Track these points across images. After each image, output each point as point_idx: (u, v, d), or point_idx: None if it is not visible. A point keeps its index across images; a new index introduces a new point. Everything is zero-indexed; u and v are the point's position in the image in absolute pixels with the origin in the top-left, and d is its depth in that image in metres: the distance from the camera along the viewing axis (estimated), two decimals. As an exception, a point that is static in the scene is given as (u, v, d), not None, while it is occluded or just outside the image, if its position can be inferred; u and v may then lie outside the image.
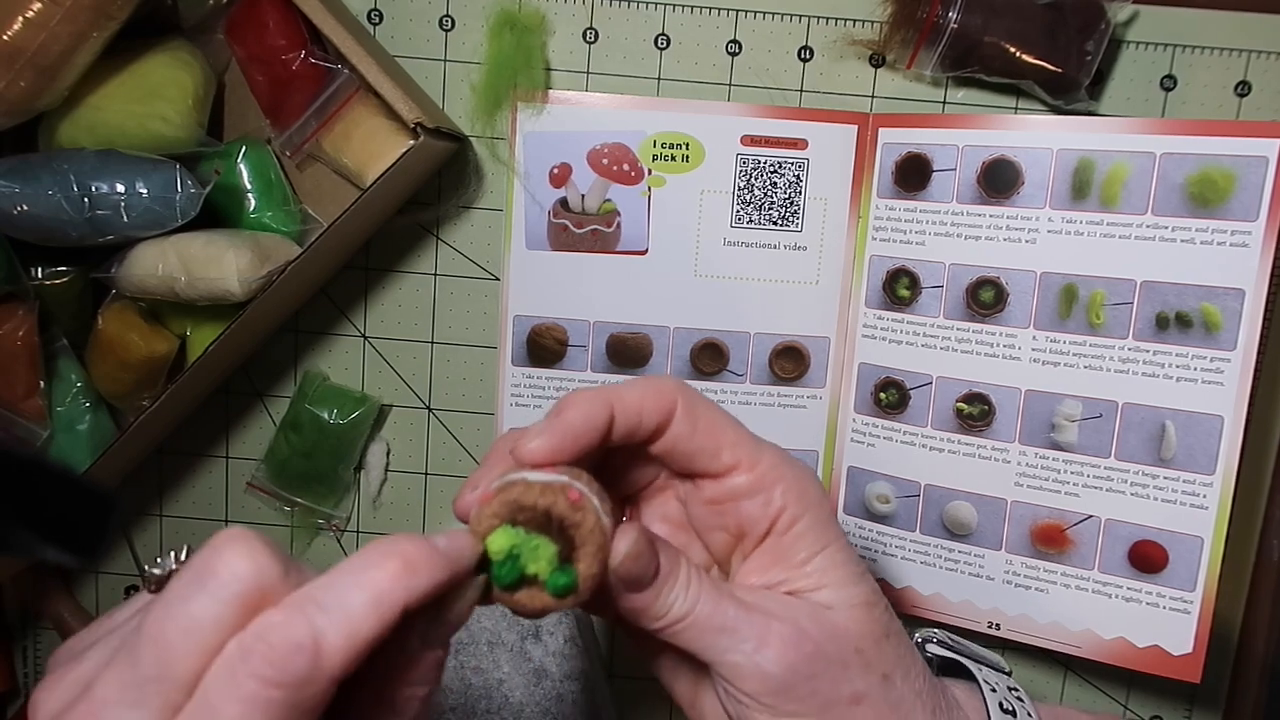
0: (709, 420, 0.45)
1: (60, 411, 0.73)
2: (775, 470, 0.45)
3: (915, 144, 0.70)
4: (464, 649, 0.74)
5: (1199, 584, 0.65)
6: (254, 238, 0.68)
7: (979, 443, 0.70)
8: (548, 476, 0.41)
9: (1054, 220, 0.67)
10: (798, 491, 0.45)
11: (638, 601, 0.43)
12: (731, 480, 0.45)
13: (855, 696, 0.43)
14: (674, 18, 0.73)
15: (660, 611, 0.43)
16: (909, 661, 0.46)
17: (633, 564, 0.41)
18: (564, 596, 0.39)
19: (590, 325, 0.75)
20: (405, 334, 0.77)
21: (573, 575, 0.39)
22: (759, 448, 0.45)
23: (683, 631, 0.43)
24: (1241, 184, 0.63)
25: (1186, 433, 0.65)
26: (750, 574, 0.46)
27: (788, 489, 0.45)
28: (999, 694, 0.49)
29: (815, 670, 0.43)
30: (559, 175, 0.73)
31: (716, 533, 0.47)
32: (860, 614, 0.45)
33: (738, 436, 0.45)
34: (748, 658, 0.42)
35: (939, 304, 0.70)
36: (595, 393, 0.43)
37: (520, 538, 0.39)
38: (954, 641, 0.53)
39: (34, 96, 0.63)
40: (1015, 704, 0.48)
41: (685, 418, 0.44)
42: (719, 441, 0.45)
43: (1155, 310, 0.65)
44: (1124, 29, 0.71)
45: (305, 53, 0.69)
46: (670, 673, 0.49)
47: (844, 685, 0.43)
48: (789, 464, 0.45)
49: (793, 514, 0.44)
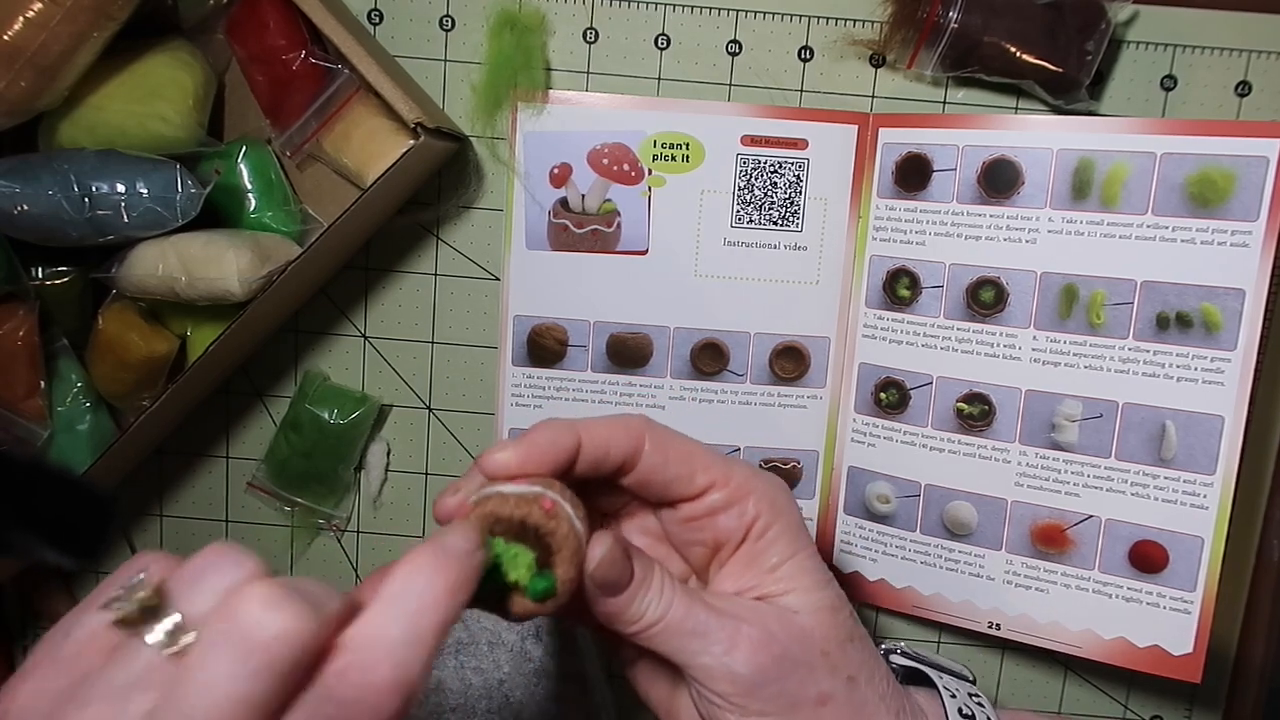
0: (679, 450, 0.47)
1: (60, 412, 0.73)
2: (747, 483, 0.47)
3: (915, 144, 0.70)
4: (464, 649, 0.74)
5: (1199, 584, 0.65)
6: (254, 238, 0.68)
7: (979, 443, 0.70)
8: (522, 488, 0.42)
9: (1054, 220, 0.67)
10: (769, 501, 0.47)
11: (613, 606, 0.45)
12: (707, 499, 0.47)
13: (822, 697, 0.46)
14: (674, 18, 0.73)
15: (635, 615, 0.45)
16: (873, 666, 0.48)
17: (608, 569, 0.43)
18: (544, 600, 0.41)
19: (590, 325, 0.75)
20: (405, 334, 0.77)
21: (551, 580, 0.41)
22: (730, 465, 0.48)
23: (656, 635, 0.45)
24: (1242, 184, 0.63)
25: (1187, 433, 0.65)
26: (725, 580, 0.48)
27: (760, 498, 0.47)
28: (959, 699, 0.52)
29: (783, 671, 0.45)
30: (559, 175, 0.73)
31: (694, 547, 0.49)
32: (826, 618, 0.47)
33: (709, 460, 0.47)
34: (718, 660, 0.45)
35: (939, 304, 0.70)
36: (565, 421, 0.45)
37: (500, 547, 0.41)
38: (916, 653, 0.56)
39: (34, 96, 0.63)
40: (975, 708, 0.51)
41: (656, 451, 0.46)
42: (692, 468, 0.47)
43: (1155, 310, 0.65)
44: (1124, 29, 0.71)
45: (305, 53, 0.69)
46: (647, 680, 0.52)
47: (810, 686, 0.45)
48: (759, 477, 0.48)
49: (765, 521, 0.47)
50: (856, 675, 0.47)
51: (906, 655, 0.56)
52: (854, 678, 0.47)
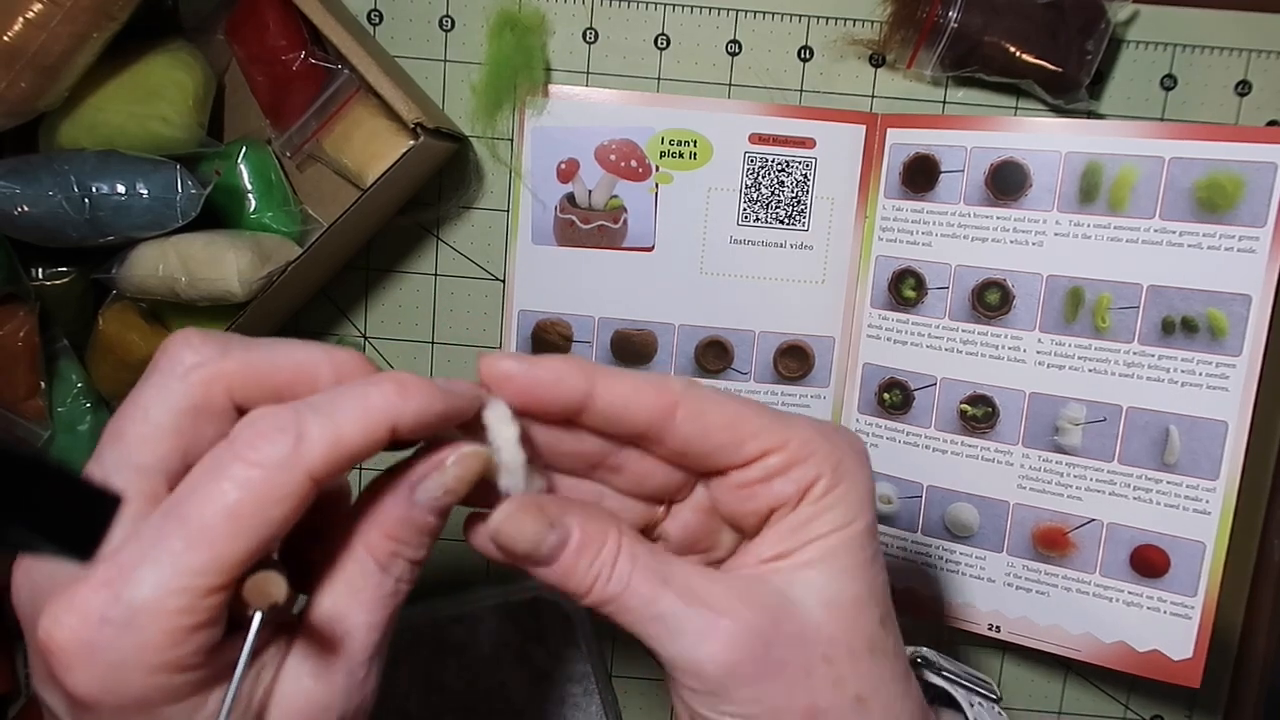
0: (722, 416, 0.40)
1: (61, 412, 0.72)
2: (809, 444, 0.40)
3: (923, 145, 0.70)
4: (465, 650, 0.74)
5: (1200, 589, 0.66)
6: (254, 238, 0.68)
7: (982, 445, 0.70)
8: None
9: (1061, 223, 0.67)
10: (833, 464, 0.40)
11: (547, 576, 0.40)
12: (760, 464, 0.41)
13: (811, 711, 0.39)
14: (674, 18, 0.73)
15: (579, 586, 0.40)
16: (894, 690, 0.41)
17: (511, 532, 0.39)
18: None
19: (595, 321, 0.75)
20: (406, 334, 0.77)
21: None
22: (789, 425, 0.41)
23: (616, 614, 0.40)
24: (1250, 190, 0.63)
25: (1190, 438, 0.65)
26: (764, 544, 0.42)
27: (823, 460, 0.40)
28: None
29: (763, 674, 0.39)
30: (566, 170, 0.73)
31: (746, 518, 0.42)
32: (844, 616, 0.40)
33: (760, 424, 0.40)
34: (684, 652, 0.39)
35: (944, 305, 0.70)
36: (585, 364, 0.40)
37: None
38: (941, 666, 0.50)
39: (34, 97, 0.62)
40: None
41: (690, 420, 0.40)
42: (739, 435, 0.40)
43: (1161, 315, 0.65)
44: (1124, 28, 0.71)
45: (305, 53, 0.68)
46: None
47: (800, 696, 0.39)
48: (827, 437, 0.41)
49: (826, 484, 0.40)
50: (869, 698, 0.40)
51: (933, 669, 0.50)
52: (864, 699, 0.40)
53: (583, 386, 0.39)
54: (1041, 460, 0.69)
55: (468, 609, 0.74)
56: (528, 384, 0.40)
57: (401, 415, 0.37)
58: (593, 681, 0.74)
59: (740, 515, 0.42)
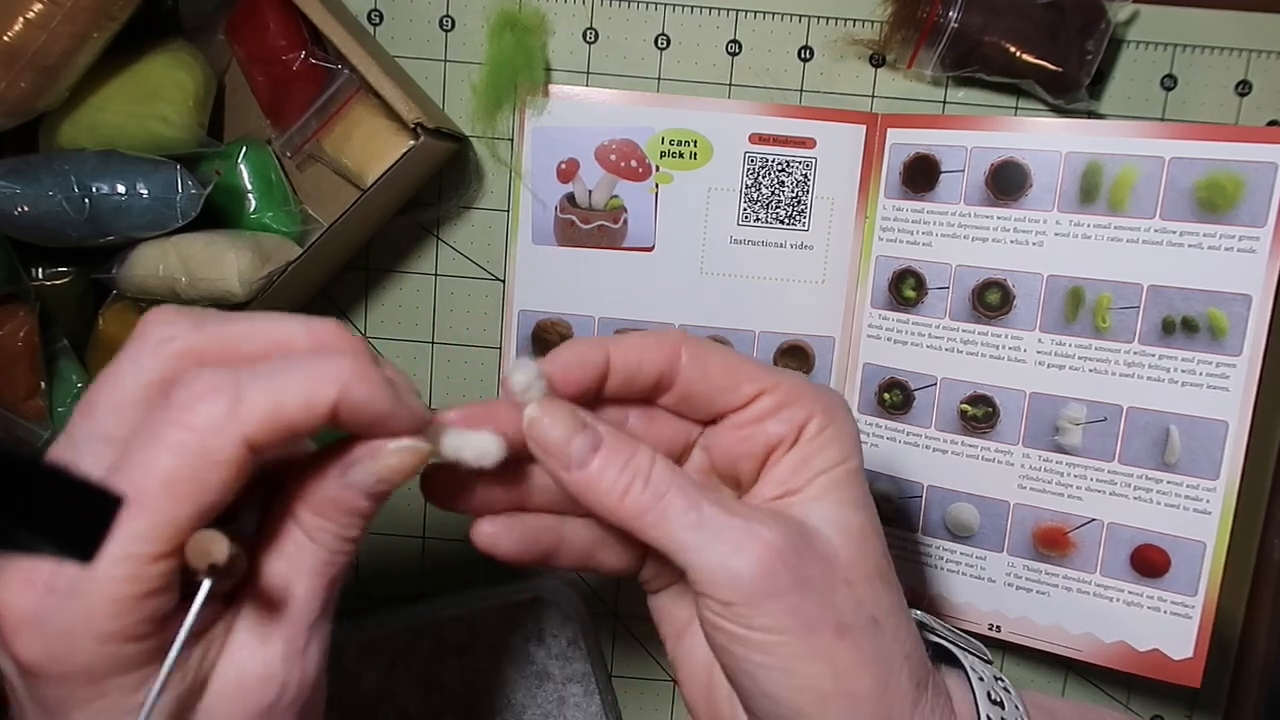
0: (721, 362, 0.44)
1: (61, 412, 0.72)
2: (799, 388, 0.44)
3: (924, 145, 0.70)
4: (465, 650, 0.74)
5: (1200, 589, 0.66)
6: (255, 238, 0.68)
7: (983, 445, 0.70)
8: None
9: (1061, 223, 0.67)
10: (824, 405, 0.44)
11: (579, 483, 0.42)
12: (755, 405, 0.44)
13: (840, 628, 0.41)
14: (674, 18, 0.73)
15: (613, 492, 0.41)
16: (899, 618, 0.43)
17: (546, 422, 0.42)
18: None
19: (595, 321, 0.75)
20: (406, 334, 0.77)
21: None
22: (779, 373, 0.44)
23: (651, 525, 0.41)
24: (1250, 190, 0.63)
25: (1190, 438, 0.65)
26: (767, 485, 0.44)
27: (814, 401, 0.43)
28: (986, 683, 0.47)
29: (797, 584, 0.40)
30: (566, 170, 0.73)
31: (744, 461, 0.45)
32: (854, 543, 0.43)
33: (755, 369, 0.44)
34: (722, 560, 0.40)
35: (945, 305, 0.70)
36: (594, 338, 0.43)
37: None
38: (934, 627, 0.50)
39: (34, 97, 0.62)
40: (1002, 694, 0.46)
41: (694, 364, 0.43)
42: (737, 378, 0.44)
43: (1161, 315, 0.65)
44: (1124, 28, 0.71)
45: (305, 53, 0.68)
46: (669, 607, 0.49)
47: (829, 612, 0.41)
48: (814, 385, 0.45)
49: (820, 423, 0.43)
50: (882, 621, 0.42)
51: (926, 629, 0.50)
52: (878, 621, 0.42)
53: (602, 355, 0.43)
54: (1042, 460, 0.69)
55: (468, 609, 0.74)
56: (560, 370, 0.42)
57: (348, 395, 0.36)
58: (593, 681, 0.74)
59: (739, 459, 0.45)
